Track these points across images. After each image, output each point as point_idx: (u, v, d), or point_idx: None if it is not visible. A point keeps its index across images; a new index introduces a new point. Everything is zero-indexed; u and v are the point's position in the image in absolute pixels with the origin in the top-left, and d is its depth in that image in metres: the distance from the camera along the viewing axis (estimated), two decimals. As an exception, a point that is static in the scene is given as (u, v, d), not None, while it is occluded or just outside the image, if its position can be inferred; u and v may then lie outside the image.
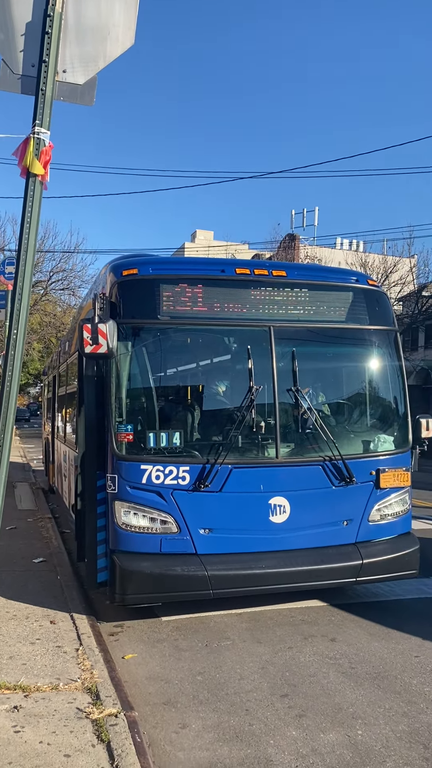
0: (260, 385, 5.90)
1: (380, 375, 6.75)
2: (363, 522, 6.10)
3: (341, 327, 6.42)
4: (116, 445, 5.63)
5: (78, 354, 6.68)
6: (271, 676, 4.81)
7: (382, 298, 6.70)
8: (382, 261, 33.45)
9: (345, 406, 6.80)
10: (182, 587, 5.55)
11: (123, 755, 3.48)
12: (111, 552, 5.64)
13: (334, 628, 5.82)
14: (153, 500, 5.58)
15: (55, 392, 13.14)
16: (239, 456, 5.86)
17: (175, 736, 3.98)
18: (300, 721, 4.14)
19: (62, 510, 11.25)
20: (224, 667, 4.98)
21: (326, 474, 5.99)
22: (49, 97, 3.78)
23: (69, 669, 4.62)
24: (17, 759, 3.43)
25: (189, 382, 6.61)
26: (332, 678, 4.78)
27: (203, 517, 5.66)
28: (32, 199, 3.82)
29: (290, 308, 6.21)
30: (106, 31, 3.86)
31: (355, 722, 4.13)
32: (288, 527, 5.80)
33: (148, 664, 5.04)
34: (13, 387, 3.89)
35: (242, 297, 6.11)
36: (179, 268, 6.50)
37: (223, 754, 3.76)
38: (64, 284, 36.57)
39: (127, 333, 5.76)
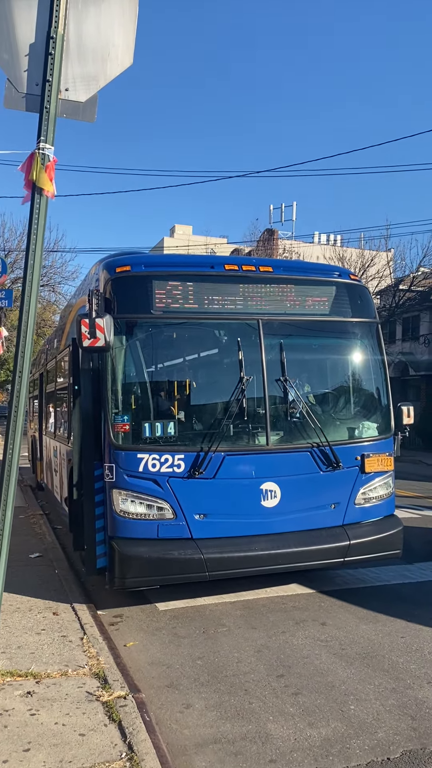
0: (250, 375, 6.19)
1: (363, 365, 7.07)
2: (350, 505, 6.42)
3: (325, 319, 6.73)
4: (113, 435, 5.86)
5: (72, 349, 6.88)
6: (267, 659, 5.09)
7: (364, 291, 7.03)
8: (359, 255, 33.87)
9: (331, 394, 7.11)
10: (179, 570, 5.80)
11: (134, 733, 3.74)
12: (110, 539, 5.86)
13: (324, 613, 6.13)
14: (150, 488, 5.82)
15: (43, 389, 13.26)
16: (231, 444, 6.13)
17: (180, 715, 4.24)
18: (296, 699, 4.42)
19: (52, 506, 11.43)
20: (222, 651, 5.25)
21: (314, 460, 6.29)
22: (52, 114, 3.98)
23: (76, 656, 4.86)
24: (36, 739, 3.66)
25: (182, 373, 6.87)
26: (324, 659, 5.07)
27: (198, 503, 5.92)
28: (38, 212, 4.01)
29: (277, 302, 6.50)
30: (106, 52, 4.06)
31: (347, 698, 4.43)
32: (279, 511, 6.09)
33: (149, 651, 5.30)
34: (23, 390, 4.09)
35: (231, 292, 6.38)
36: (170, 264, 6.75)
37: (225, 731, 4.03)
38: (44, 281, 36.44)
39: (122, 327, 5.99)
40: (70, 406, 8.95)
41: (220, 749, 3.82)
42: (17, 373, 4.10)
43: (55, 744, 3.62)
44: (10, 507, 4.24)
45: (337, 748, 3.80)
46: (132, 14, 4.06)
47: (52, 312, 37.49)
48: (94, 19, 4.02)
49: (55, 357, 11.10)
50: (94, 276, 6.73)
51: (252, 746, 3.84)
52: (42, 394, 13.48)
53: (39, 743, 3.62)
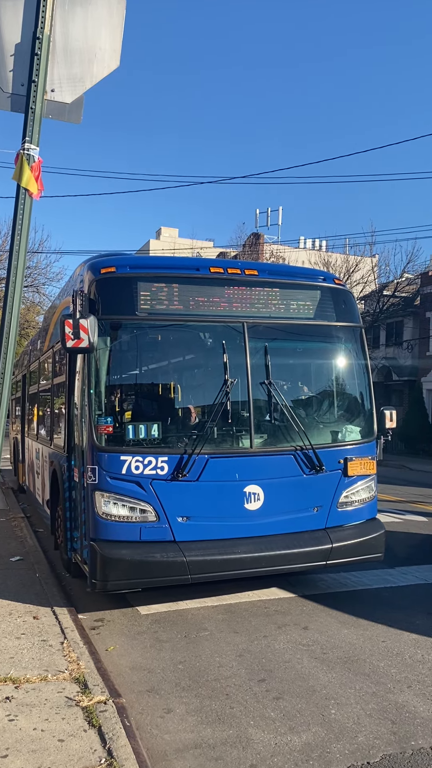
0: (234, 378, 6.19)
1: (347, 368, 7.11)
2: (332, 508, 6.44)
3: (310, 323, 6.75)
4: (96, 436, 5.83)
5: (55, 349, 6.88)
6: (249, 663, 5.08)
7: (348, 296, 7.07)
8: (344, 260, 34.10)
9: (314, 398, 7.15)
10: (162, 573, 5.78)
11: (114, 738, 3.71)
12: (91, 540, 5.83)
13: (306, 617, 6.13)
14: (132, 490, 5.80)
15: (26, 390, 13.17)
16: (215, 446, 6.13)
17: (161, 720, 4.21)
18: (277, 703, 4.42)
19: (34, 509, 11.34)
20: (203, 655, 5.23)
21: (297, 463, 6.31)
22: (38, 115, 3.96)
23: (56, 661, 4.81)
24: (14, 745, 3.62)
25: (166, 376, 6.87)
26: (306, 663, 5.08)
27: (181, 505, 5.90)
28: (22, 211, 3.99)
29: (262, 305, 6.51)
30: (92, 54, 4.05)
31: (328, 702, 4.43)
32: (262, 514, 6.10)
33: (131, 655, 5.26)
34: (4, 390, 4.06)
35: (216, 294, 6.38)
36: (156, 266, 6.73)
37: (206, 735, 4.01)
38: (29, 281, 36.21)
39: (106, 328, 5.96)
40: (52, 407, 8.92)
41: (201, 754, 3.80)
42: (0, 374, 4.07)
43: (33, 750, 3.58)
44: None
45: (317, 752, 3.80)
46: (120, 16, 4.06)
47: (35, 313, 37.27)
48: (81, 20, 4.01)
49: (38, 358, 11.04)
50: (78, 277, 6.70)
51: (233, 751, 3.83)
52: (25, 395, 13.39)
53: (17, 749, 3.58)
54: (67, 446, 6.92)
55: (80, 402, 6.37)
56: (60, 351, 7.93)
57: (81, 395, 6.28)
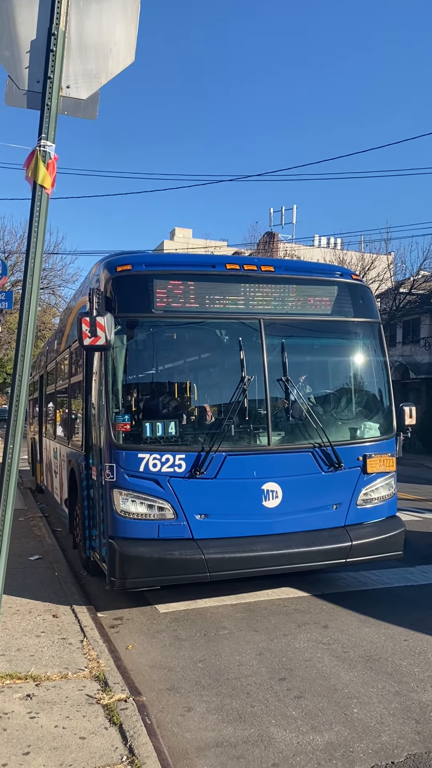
0: (251, 375, 6.15)
1: (365, 365, 7.03)
2: (351, 506, 6.37)
3: (327, 319, 6.69)
4: (114, 434, 5.82)
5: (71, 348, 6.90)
6: (269, 662, 5.04)
7: (366, 291, 7.00)
8: (359, 258, 33.88)
9: (332, 394, 7.09)
10: (180, 570, 5.76)
11: (135, 736, 3.69)
12: (110, 538, 5.82)
13: (326, 615, 6.08)
14: (150, 488, 5.78)
15: (43, 391, 13.24)
16: (233, 444, 6.10)
17: (182, 718, 4.19)
18: (298, 702, 4.37)
19: (52, 509, 11.39)
20: (223, 654, 5.20)
21: (316, 460, 6.25)
22: (53, 111, 3.95)
23: (76, 659, 4.81)
24: (35, 742, 3.62)
25: (183, 373, 6.85)
26: (327, 662, 5.03)
27: (199, 503, 5.87)
28: (39, 209, 3.98)
29: (279, 302, 6.47)
30: (107, 49, 4.04)
31: (350, 701, 4.38)
32: (280, 512, 6.05)
33: (150, 654, 5.25)
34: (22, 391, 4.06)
35: (232, 291, 6.35)
36: (171, 264, 6.72)
37: (227, 734, 3.98)
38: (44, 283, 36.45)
39: (123, 326, 5.96)
40: (70, 407, 8.95)
41: (222, 753, 3.77)
42: (17, 376, 4.07)
43: (55, 747, 3.57)
44: (10, 509, 4.19)
45: (340, 752, 3.75)
46: (134, 11, 4.04)
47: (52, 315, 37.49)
48: (96, 15, 4.00)
49: (55, 359, 11.08)
50: (94, 275, 6.71)
51: (254, 750, 3.79)
52: (42, 396, 13.46)
53: (39, 746, 3.58)
54: (85, 445, 6.93)
55: (97, 400, 6.37)
56: (77, 350, 7.95)
57: (98, 393, 6.29)
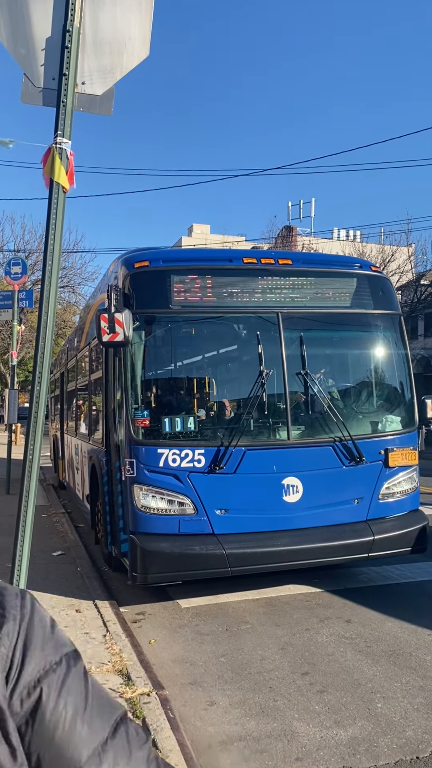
0: (270, 369, 6.12)
1: (386, 357, 6.96)
2: (373, 500, 6.33)
3: (346, 312, 6.63)
4: (133, 430, 5.84)
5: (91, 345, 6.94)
6: (291, 656, 5.03)
7: (385, 283, 6.92)
8: (379, 251, 33.60)
9: (353, 388, 7.03)
10: (201, 566, 5.77)
11: (158, 730, 3.70)
12: (131, 534, 5.85)
13: (349, 610, 6.04)
14: (170, 483, 5.80)
15: (64, 388, 13.35)
16: (252, 438, 6.08)
17: (204, 712, 4.20)
18: (321, 697, 4.36)
19: (74, 505, 11.48)
20: (245, 649, 5.20)
21: (337, 454, 6.21)
22: (69, 108, 3.95)
23: (99, 653, 4.85)
24: (60, 735, 3.64)
25: (201, 368, 6.85)
26: (350, 656, 5.00)
27: (219, 498, 5.87)
28: (56, 207, 3.99)
29: (297, 295, 6.42)
30: (122, 44, 4.02)
31: (374, 696, 4.35)
32: (301, 506, 6.02)
33: (172, 648, 5.27)
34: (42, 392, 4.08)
35: (250, 285, 6.32)
36: (189, 259, 6.71)
37: (251, 728, 3.98)
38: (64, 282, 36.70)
39: (141, 322, 5.97)
40: (90, 403, 9.00)
41: (245, 747, 3.77)
42: (37, 374, 4.09)
43: (79, 740, 3.60)
44: (32, 505, 4.23)
45: (364, 746, 3.73)
46: (148, 5, 4.02)
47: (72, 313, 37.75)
48: (110, 11, 3.98)
49: (75, 356, 11.15)
50: (112, 272, 6.73)
51: (277, 744, 3.79)
52: (63, 393, 13.57)
53: (63, 740, 3.60)
54: (106, 441, 6.97)
55: (117, 396, 6.40)
56: (96, 348, 7.99)
57: (118, 389, 6.32)
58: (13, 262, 13.61)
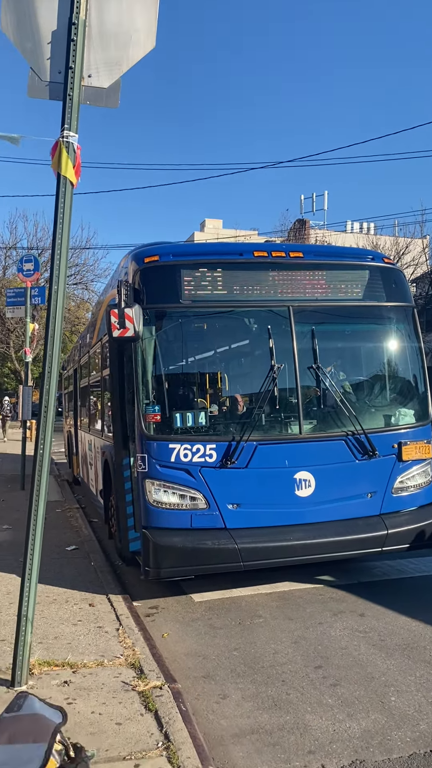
0: (281, 363, 6.10)
1: (399, 350, 6.90)
2: (387, 494, 6.28)
3: (359, 305, 6.58)
4: (144, 425, 5.85)
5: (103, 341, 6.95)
6: (304, 650, 5.01)
7: (398, 275, 6.85)
8: (393, 243, 33.35)
9: (365, 381, 6.98)
10: (213, 560, 5.77)
11: (171, 722, 3.71)
12: (143, 528, 5.86)
13: (363, 604, 6.01)
14: (182, 478, 5.80)
15: (77, 384, 13.39)
16: (264, 433, 6.06)
17: (217, 705, 4.20)
18: (334, 690, 4.34)
19: (88, 500, 11.53)
20: (258, 642, 5.19)
21: (349, 448, 6.17)
22: (76, 101, 3.95)
23: (112, 647, 4.86)
24: (73, 728, 3.66)
25: (212, 363, 6.83)
26: (363, 650, 4.97)
27: (231, 492, 5.86)
28: (63, 200, 4.00)
29: (308, 288, 6.37)
30: (128, 36, 4.01)
31: (387, 690, 4.32)
32: (314, 501, 5.99)
33: (185, 642, 5.27)
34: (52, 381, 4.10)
35: (261, 279, 6.29)
36: (199, 253, 6.69)
37: (263, 721, 3.97)
38: (77, 279, 36.90)
39: (151, 317, 5.97)
40: (102, 399, 9.03)
41: (258, 740, 3.76)
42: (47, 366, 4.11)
43: (91, 733, 3.62)
44: (43, 499, 4.26)
45: (377, 739, 3.71)
46: (153, -4, 4.01)
47: (85, 310, 37.92)
48: (116, 3, 3.97)
49: (87, 352, 11.19)
50: (123, 267, 6.73)
51: (290, 737, 3.78)
52: (76, 389, 13.62)
53: (76, 732, 3.62)
54: None
55: (128, 392, 6.41)
56: (108, 343, 8.00)
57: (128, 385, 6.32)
58: (25, 259, 13.67)
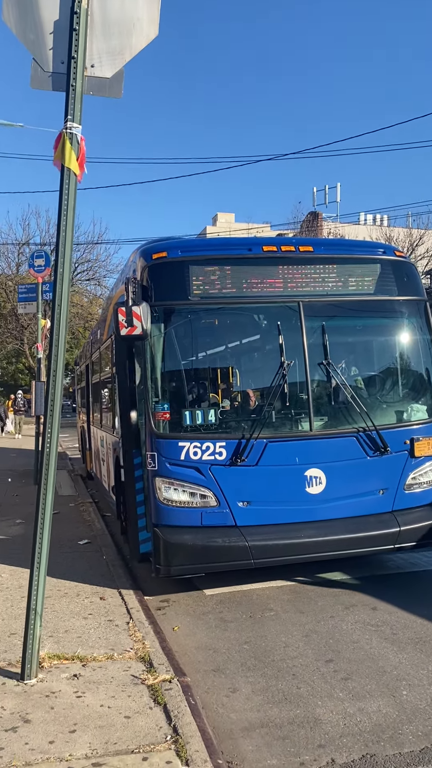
0: (292, 360, 6.03)
1: (411, 345, 6.80)
2: (399, 490, 6.21)
3: (370, 299, 6.49)
4: (154, 423, 5.82)
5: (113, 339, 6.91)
6: (315, 644, 4.97)
7: (410, 268, 6.74)
8: (407, 234, 33.01)
9: (377, 377, 6.89)
10: (224, 558, 5.74)
11: (180, 716, 3.69)
12: (154, 526, 5.84)
13: (375, 597, 5.95)
14: (192, 476, 5.77)
15: (89, 380, 13.43)
16: (274, 430, 6.01)
17: (227, 699, 4.18)
18: (346, 684, 4.30)
19: (101, 495, 11.56)
20: (269, 636, 5.16)
21: (360, 445, 6.10)
22: (79, 92, 3.92)
23: (121, 640, 4.86)
24: (82, 721, 3.66)
25: (222, 360, 6.78)
26: (375, 644, 4.93)
27: (241, 490, 5.82)
28: (67, 192, 3.97)
29: (318, 283, 6.29)
30: (130, 24, 3.97)
31: (399, 684, 4.28)
32: (325, 498, 5.94)
33: (196, 635, 5.26)
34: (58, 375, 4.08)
35: (270, 274, 6.21)
36: (207, 249, 6.63)
37: (273, 715, 3.94)
38: (89, 275, 36.99)
39: (160, 315, 5.92)
40: (113, 396, 9.02)
41: (268, 733, 3.74)
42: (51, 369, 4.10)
43: (100, 726, 3.61)
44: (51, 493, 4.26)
45: (388, 733, 3.67)
46: (155, -17, 3.96)
47: (98, 306, 37.99)
48: (118, -9, 3.93)
49: (98, 348, 11.19)
50: (131, 264, 6.69)
51: (300, 731, 3.75)
52: (88, 384, 13.65)
53: (85, 725, 3.62)
54: None
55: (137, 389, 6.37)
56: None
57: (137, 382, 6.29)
58: (36, 254, 13.69)
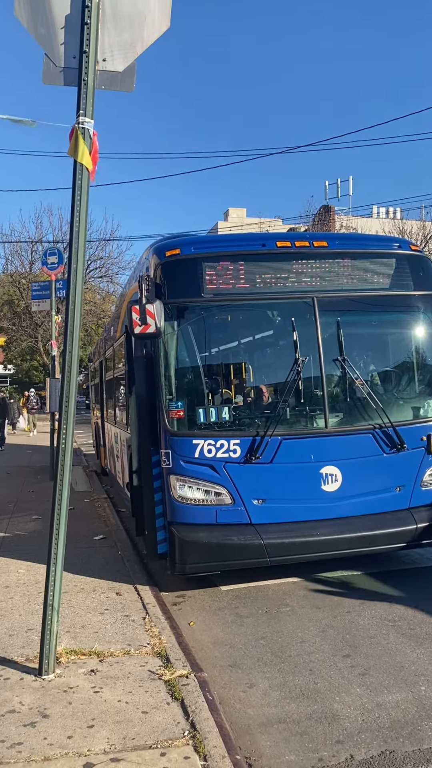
0: (306, 356, 5.99)
1: (427, 340, 6.71)
2: (416, 487, 6.15)
3: (385, 294, 6.42)
4: (168, 421, 5.81)
5: (127, 336, 6.88)
6: (332, 639, 4.95)
7: (426, 262, 6.66)
8: (420, 227, 32.71)
9: (392, 372, 6.82)
10: (240, 556, 5.73)
11: (197, 711, 3.69)
12: (169, 524, 5.83)
13: (391, 592, 5.91)
14: (206, 473, 5.75)
15: (103, 377, 13.45)
16: (288, 427, 5.97)
17: (244, 695, 4.17)
18: (363, 679, 4.27)
19: (116, 490, 11.59)
20: (285, 631, 5.15)
21: (376, 441, 6.05)
22: (91, 86, 3.90)
23: (138, 636, 4.86)
24: (99, 716, 3.67)
25: (236, 357, 6.74)
26: (392, 639, 4.89)
27: (256, 488, 5.80)
28: (80, 187, 3.96)
29: (333, 278, 6.24)
30: (142, 17, 3.95)
31: (417, 679, 4.24)
32: (340, 495, 5.90)
33: (212, 631, 5.25)
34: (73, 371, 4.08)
35: (284, 270, 6.17)
36: (220, 245, 6.59)
37: (290, 710, 3.93)
38: (102, 272, 37.04)
39: (173, 312, 5.90)
40: (126, 393, 9.02)
41: (285, 729, 3.72)
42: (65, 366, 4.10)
43: (118, 721, 3.61)
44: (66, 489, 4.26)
45: (407, 729, 3.64)
46: (167, -25, 3.93)
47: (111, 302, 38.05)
48: (129, -17, 3.90)
49: (112, 345, 11.20)
50: (144, 261, 6.67)
51: (318, 726, 3.73)
52: (102, 381, 13.67)
53: (102, 720, 3.63)
54: None
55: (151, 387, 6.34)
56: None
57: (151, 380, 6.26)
58: (49, 252, 13.73)
